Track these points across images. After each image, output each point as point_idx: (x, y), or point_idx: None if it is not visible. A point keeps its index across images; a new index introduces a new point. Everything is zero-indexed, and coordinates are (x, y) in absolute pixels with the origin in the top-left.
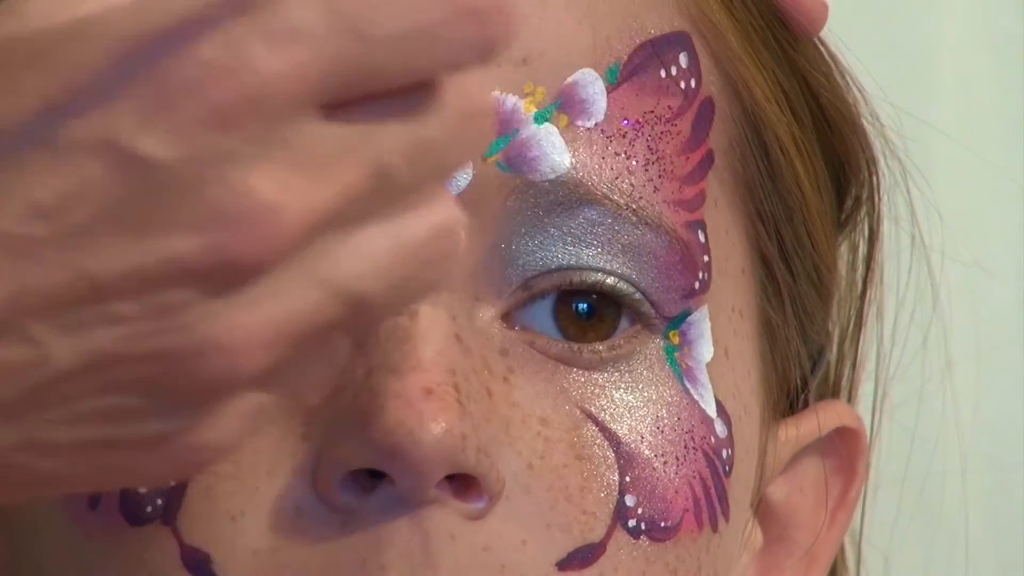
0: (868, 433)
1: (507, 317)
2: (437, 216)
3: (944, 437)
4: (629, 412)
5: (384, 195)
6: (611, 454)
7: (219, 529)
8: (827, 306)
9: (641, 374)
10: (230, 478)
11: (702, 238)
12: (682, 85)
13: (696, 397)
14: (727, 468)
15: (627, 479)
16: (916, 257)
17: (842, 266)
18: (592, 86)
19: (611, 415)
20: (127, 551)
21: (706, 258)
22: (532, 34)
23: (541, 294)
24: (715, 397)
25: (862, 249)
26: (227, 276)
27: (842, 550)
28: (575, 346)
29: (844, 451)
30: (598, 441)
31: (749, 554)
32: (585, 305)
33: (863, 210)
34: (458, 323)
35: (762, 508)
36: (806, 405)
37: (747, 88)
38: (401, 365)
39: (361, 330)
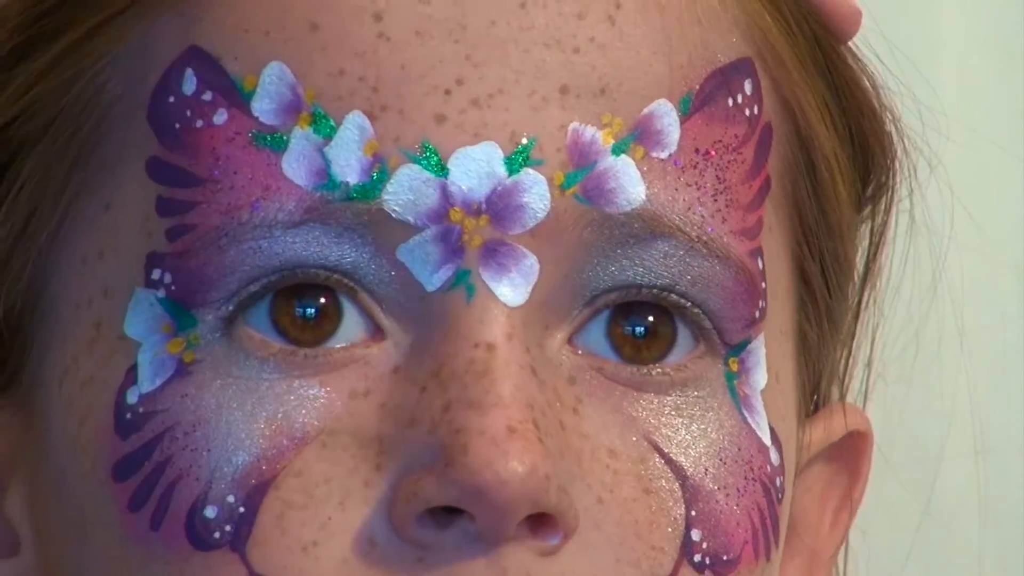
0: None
1: (571, 339)
2: None
3: (946, 426)
4: (694, 443)
5: None
6: (677, 487)
7: (290, 558)
8: (849, 311)
9: (705, 401)
10: (301, 507)
11: (760, 265)
12: (747, 113)
13: (753, 426)
14: (779, 496)
15: (692, 513)
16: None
17: None
18: (667, 117)
19: (677, 446)
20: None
21: (763, 285)
22: (610, 64)
23: (605, 306)
24: (768, 424)
25: (864, 245)
26: None
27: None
28: (643, 369)
29: (851, 452)
30: (665, 475)
31: None
32: (642, 328)
33: (871, 207)
34: (532, 355)
35: None
36: (817, 405)
37: (801, 110)
38: (482, 401)
39: None
